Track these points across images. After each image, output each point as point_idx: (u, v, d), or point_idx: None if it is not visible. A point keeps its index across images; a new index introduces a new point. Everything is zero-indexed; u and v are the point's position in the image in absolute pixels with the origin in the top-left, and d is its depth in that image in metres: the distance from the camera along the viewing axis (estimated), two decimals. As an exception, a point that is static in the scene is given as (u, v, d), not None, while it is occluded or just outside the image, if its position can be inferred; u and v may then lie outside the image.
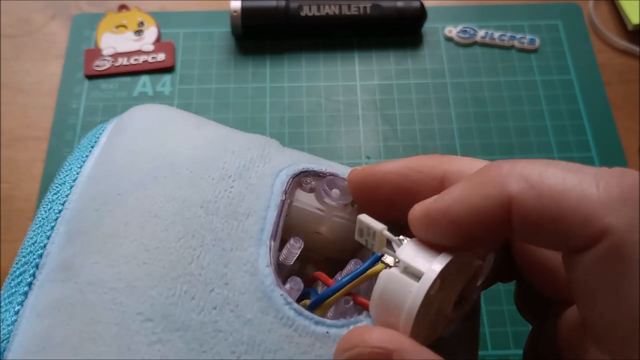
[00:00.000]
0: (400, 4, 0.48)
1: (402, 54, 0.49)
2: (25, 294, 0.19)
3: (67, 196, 0.21)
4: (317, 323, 0.18)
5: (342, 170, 0.23)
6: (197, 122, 0.23)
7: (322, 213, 0.22)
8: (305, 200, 0.22)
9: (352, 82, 0.48)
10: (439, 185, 0.19)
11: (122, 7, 0.50)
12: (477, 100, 0.47)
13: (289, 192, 0.21)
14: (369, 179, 0.20)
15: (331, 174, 0.22)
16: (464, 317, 0.20)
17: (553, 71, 0.48)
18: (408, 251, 0.17)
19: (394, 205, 0.20)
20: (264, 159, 0.22)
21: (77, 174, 0.21)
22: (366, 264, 0.18)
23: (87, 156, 0.22)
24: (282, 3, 0.48)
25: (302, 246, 0.21)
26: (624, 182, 0.14)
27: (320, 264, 0.23)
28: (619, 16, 0.51)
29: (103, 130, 0.23)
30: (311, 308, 0.19)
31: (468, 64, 0.48)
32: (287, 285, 0.20)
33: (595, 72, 0.48)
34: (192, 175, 0.20)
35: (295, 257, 0.21)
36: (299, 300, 0.20)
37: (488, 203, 0.16)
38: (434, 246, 0.17)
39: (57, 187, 0.21)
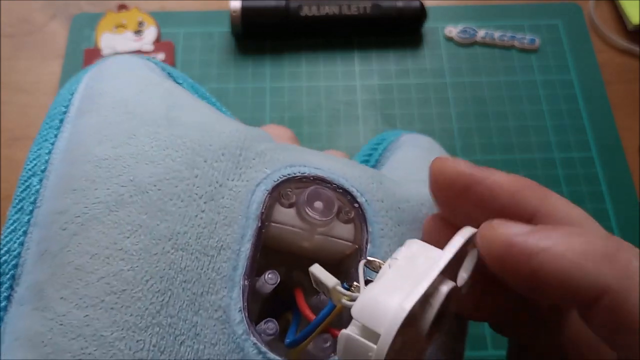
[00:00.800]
0: (400, 3, 0.48)
1: (402, 53, 0.49)
2: (5, 308, 0.18)
3: (37, 192, 0.20)
4: None
5: (330, 165, 0.21)
6: (167, 110, 0.21)
7: (304, 232, 0.20)
8: (285, 218, 0.20)
9: (352, 82, 0.48)
10: (526, 220, 0.17)
11: (122, 7, 0.50)
12: (477, 100, 0.47)
13: (266, 212, 0.19)
14: (456, 181, 0.18)
15: (315, 178, 0.20)
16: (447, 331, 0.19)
17: (553, 71, 0.48)
18: (366, 301, 0.15)
19: (469, 213, 0.18)
20: (239, 170, 0.20)
21: (47, 161, 0.20)
22: (327, 309, 0.18)
23: (55, 136, 0.20)
24: (282, 3, 0.48)
25: (279, 280, 0.19)
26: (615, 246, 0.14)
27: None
28: (619, 16, 0.51)
29: (73, 93, 0.21)
30: (288, 346, 0.18)
31: (468, 63, 0.48)
32: (262, 325, 0.19)
33: (596, 72, 0.48)
34: (159, 195, 0.18)
35: (272, 290, 0.20)
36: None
37: (580, 278, 0.14)
38: (412, 267, 0.16)
39: (26, 179, 0.20)
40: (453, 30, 0.50)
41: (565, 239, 0.15)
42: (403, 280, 0.16)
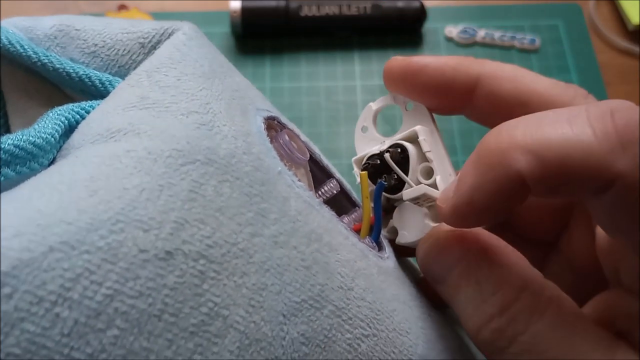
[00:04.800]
0: (400, 3, 0.48)
1: (402, 54, 0.49)
2: None
3: None
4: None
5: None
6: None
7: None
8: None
9: (352, 82, 0.48)
10: (473, 84, 0.20)
11: (122, 7, 0.50)
12: (478, 101, 0.47)
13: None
14: (408, 68, 0.21)
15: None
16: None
17: (553, 71, 0.48)
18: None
19: (425, 95, 0.21)
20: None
21: None
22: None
23: None
24: (282, 3, 0.48)
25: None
26: (617, 124, 0.15)
27: None
28: (619, 16, 0.51)
29: None
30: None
31: (468, 64, 0.48)
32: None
33: (596, 73, 0.48)
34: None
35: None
36: None
37: (503, 185, 0.16)
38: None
39: None
40: (453, 30, 0.50)
41: (472, 170, 0.17)
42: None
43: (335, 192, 0.21)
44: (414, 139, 0.21)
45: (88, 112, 0.17)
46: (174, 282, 0.13)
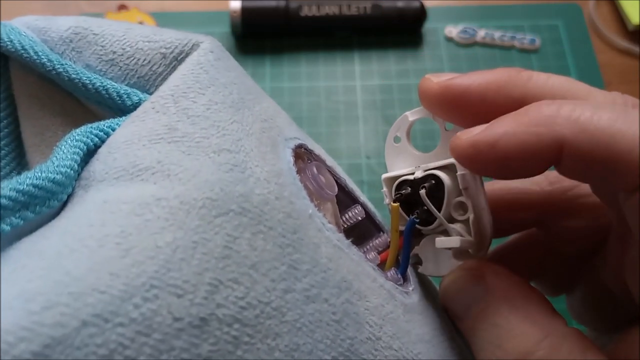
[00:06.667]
0: (400, 4, 0.48)
1: (402, 54, 0.49)
2: None
3: None
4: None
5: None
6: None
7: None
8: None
9: (352, 82, 0.48)
10: (518, 106, 0.18)
11: (122, 7, 0.50)
12: (478, 101, 0.47)
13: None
14: (446, 93, 0.19)
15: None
16: None
17: (553, 71, 0.47)
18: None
19: (466, 121, 0.19)
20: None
21: None
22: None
23: None
24: (282, 3, 0.48)
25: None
26: None
27: None
28: (619, 16, 0.51)
29: None
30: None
31: (468, 64, 0.48)
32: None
33: (596, 73, 0.48)
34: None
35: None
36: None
37: (539, 142, 0.15)
38: None
39: None
40: (453, 30, 0.50)
41: (512, 119, 0.16)
42: None
43: (360, 218, 0.21)
44: (450, 168, 0.20)
45: (107, 134, 0.16)
46: (208, 351, 0.13)
